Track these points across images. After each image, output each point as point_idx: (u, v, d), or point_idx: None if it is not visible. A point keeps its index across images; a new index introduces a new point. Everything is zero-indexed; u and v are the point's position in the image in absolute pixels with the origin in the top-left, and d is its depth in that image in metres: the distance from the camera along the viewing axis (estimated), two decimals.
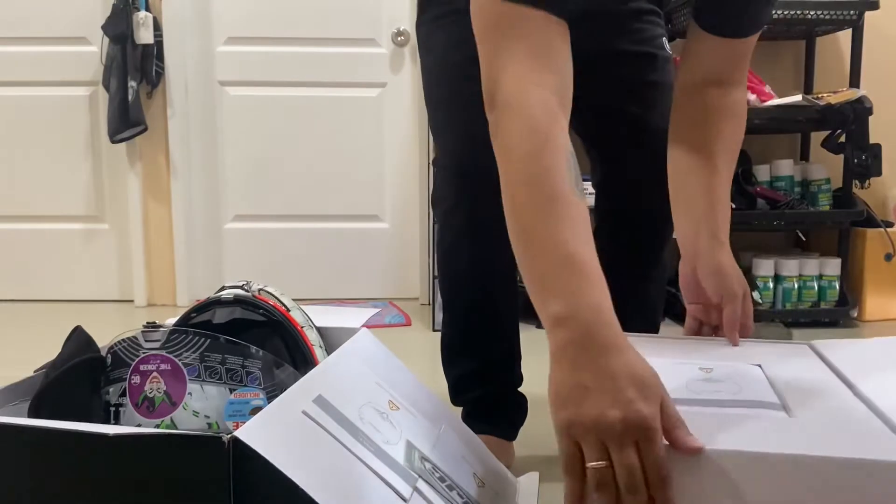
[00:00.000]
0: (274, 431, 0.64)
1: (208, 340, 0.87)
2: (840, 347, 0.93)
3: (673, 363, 0.86)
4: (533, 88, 0.81)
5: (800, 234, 2.80)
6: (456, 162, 1.20)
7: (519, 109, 0.81)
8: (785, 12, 2.41)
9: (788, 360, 0.88)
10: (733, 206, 2.44)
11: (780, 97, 2.48)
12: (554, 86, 0.82)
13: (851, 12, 2.44)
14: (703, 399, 0.74)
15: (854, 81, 2.53)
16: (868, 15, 2.48)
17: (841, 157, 2.45)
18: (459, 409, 1.32)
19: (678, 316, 2.42)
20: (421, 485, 0.76)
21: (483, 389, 1.30)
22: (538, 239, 0.75)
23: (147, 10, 2.76)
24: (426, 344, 2.33)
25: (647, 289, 1.33)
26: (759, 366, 0.87)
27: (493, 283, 1.26)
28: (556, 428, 0.65)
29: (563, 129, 0.81)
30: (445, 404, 1.02)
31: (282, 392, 0.72)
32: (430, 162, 1.13)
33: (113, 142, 2.79)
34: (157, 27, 2.81)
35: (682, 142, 1.08)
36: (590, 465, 0.61)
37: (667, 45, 1.28)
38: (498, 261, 1.26)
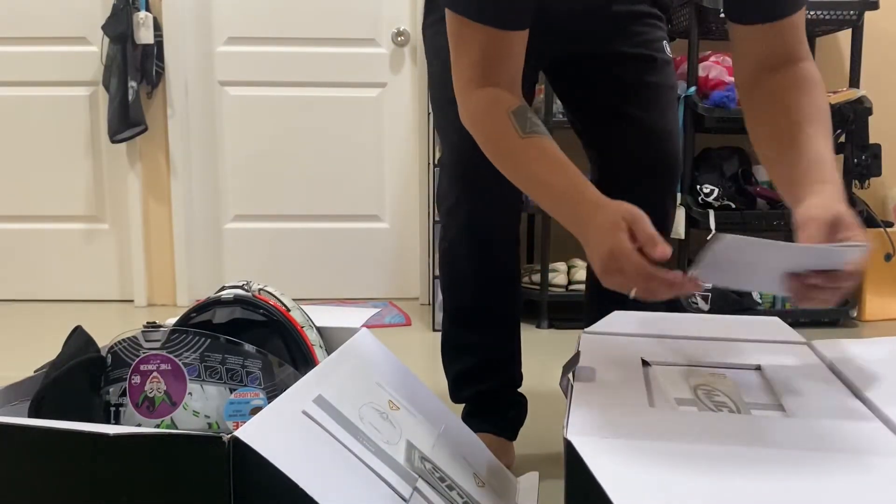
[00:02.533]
0: (274, 431, 0.64)
1: (208, 340, 0.87)
2: (840, 347, 0.93)
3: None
4: (473, 92, 0.99)
5: None
6: (458, 162, 1.20)
7: (468, 108, 1.01)
8: None
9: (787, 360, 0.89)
10: (732, 206, 2.46)
11: None
12: (501, 81, 0.98)
13: (851, 12, 2.45)
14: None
15: (854, 81, 2.53)
16: (868, 15, 2.48)
17: (841, 157, 2.45)
18: (459, 409, 1.32)
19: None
20: (421, 485, 0.76)
21: (482, 387, 1.30)
22: (524, 182, 0.97)
23: (147, 10, 2.77)
24: (426, 344, 2.33)
25: None
26: (759, 366, 0.87)
27: (494, 281, 1.26)
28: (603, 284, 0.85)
29: (503, 101, 0.97)
30: (445, 404, 1.02)
31: (282, 392, 0.72)
32: (432, 162, 1.14)
33: (113, 142, 2.79)
34: (157, 27, 2.81)
35: (763, 134, 1.00)
36: (631, 294, 0.82)
37: (667, 48, 1.28)
38: (499, 259, 1.26)
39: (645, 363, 0.88)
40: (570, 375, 0.79)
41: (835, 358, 0.88)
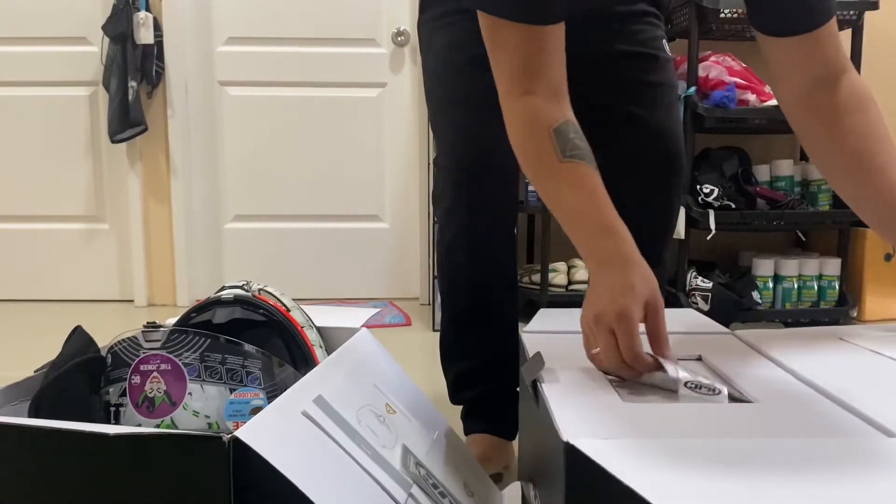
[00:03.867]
0: (274, 431, 0.64)
1: (208, 340, 0.87)
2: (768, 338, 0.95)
3: None
4: (515, 100, 0.93)
5: (800, 234, 2.80)
6: (456, 162, 1.20)
7: (510, 120, 0.94)
8: None
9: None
10: (732, 206, 2.46)
11: None
12: (541, 87, 0.92)
13: (851, 12, 2.44)
14: None
15: None
16: (868, 15, 2.48)
17: None
18: (453, 414, 1.32)
19: None
20: (415, 490, 0.76)
21: (481, 388, 1.30)
22: (555, 207, 0.90)
23: (147, 10, 2.77)
24: (426, 344, 2.33)
25: None
26: (700, 357, 0.88)
27: (492, 282, 1.26)
28: (581, 321, 0.83)
29: (545, 116, 0.92)
30: (440, 410, 1.02)
31: (282, 392, 0.72)
32: (431, 161, 1.14)
33: (113, 142, 2.79)
34: (158, 27, 2.81)
35: (835, 166, 0.96)
36: (598, 362, 0.79)
37: (666, 47, 1.28)
38: (497, 260, 1.26)
39: None
40: (538, 378, 0.78)
41: (763, 345, 0.91)
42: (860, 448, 0.60)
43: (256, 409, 0.84)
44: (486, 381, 1.30)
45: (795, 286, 2.52)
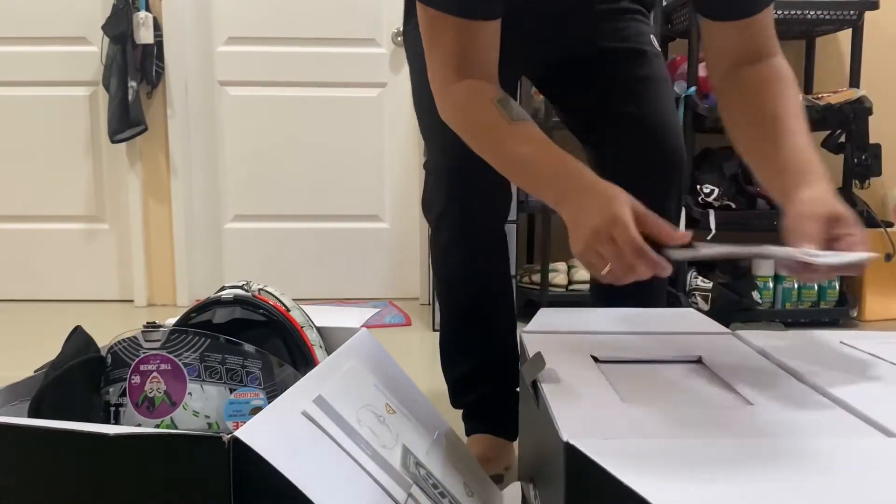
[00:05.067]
0: (274, 431, 0.64)
1: (208, 340, 0.87)
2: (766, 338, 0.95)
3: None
4: (454, 86, 0.99)
5: None
6: (445, 166, 1.20)
7: (452, 103, 1.01)
8: (785, 12, 2.41)
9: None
10: (732, 206, 2.46)
11: None
12: (477, 74, 0.99)
13: (851, 12, 2.45)
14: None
15: (854, 81, 2.53)
16: (868, 15, 2.48)
17: (841, 157, 2.45)
18: (452, 413, 1.32)
19: None
20: (415, 490, 0.76)
21: (481, 390, 1.30)
22: (513, 166, 0.96)
23: (147, 10, 2.77)
24: (426, 344, 2.33)
25: (649, 284, 1.32)
26: (699, 358, 0.88)
27: (487, 284, 1.26)
28: (579, 261, 0.86)
29: (486, 91, 0.98)
30: (440, 410, 1.02)
31: (282, 392, 0.72)
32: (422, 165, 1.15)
33: (113, 142, 2.79)
34: (157, 27, 2.81)
35: (742, 125, 1.01)
36: (603, 271, 0.81)
37: (654, 42, 1.28)
38: (491, 262, 1.26)
39: (595, 360, 0.87)
40: (538, 378, 0.78)
41: (764, 346, 0.90)
42: (860, 448, 0.60)
43: (256, 409, 0.84)
44: (486, 383, 1.30)
45: (795, 286, 2.52)
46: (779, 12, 2.38)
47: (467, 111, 0.99)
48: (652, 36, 1.28)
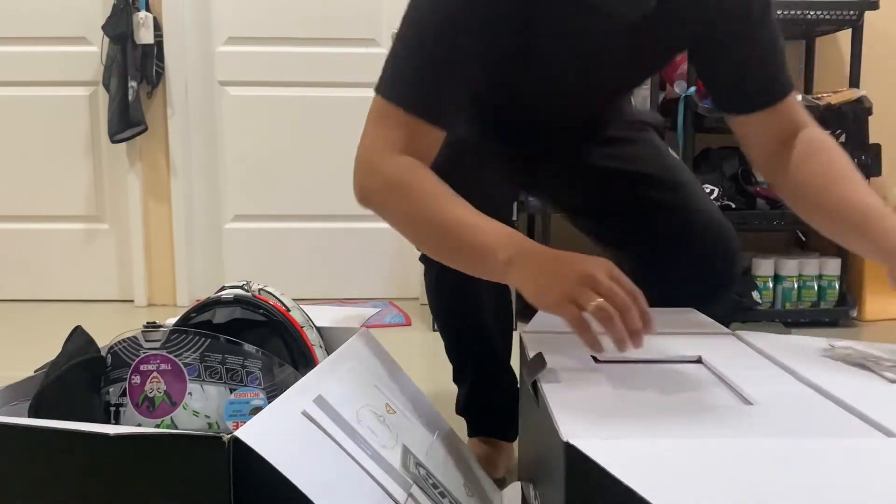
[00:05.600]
0: (274, 431, 0.64)
1: (208, 340, 0.87)
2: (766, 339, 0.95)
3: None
4: (393, 155, 0.96)
5: (800, 234, 2.80)
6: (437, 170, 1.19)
7: (385, 170, 0.96)
8: (785, 12, 2.41)
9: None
10: (732, 206, 2.46)
11: None
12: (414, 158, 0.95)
13: (851, 12, 2.45)
14: None
15: (854, 81, 2.53)
16: (868, 15, 2.48)
17: None
18: (451, 413, 1.32)
19: None
20: (415, 490, 0.76)
21: (484, 401, 1.30)
22: (448, 231, 0.90)
23: (147, 10, 2.76)
24: (426, 344, 2.33)
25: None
26: (699, 358, 0.88)
27: (481, 305, 1.23)
28: (554, 310, 0.79)
29: (426, 168, 0.95)
30: (440, 410, 1.02)
31: (282, 392, 0.72)
32: None
33: (113, 142, 2.79)
34: (158, 27, 2.80)
35: (811, 200, 1.02)
36: (590, 306, 0.75)
37: (645, 115, 1.31)
38: (483, 282, 1.25)
39: (595, 360, 0.87)
40: (538, 378, 0.78)
41: (764, 346, 0.91)
42: (860, 448, 0.60)
43: (256, 409, 0.84)
44: (488, 389, 1.30)
45: (795, 286, 2.52)
46: (779, 12, 2.38)
47: (410, 176, 0.94)
48: (638, 114, 1.31)
